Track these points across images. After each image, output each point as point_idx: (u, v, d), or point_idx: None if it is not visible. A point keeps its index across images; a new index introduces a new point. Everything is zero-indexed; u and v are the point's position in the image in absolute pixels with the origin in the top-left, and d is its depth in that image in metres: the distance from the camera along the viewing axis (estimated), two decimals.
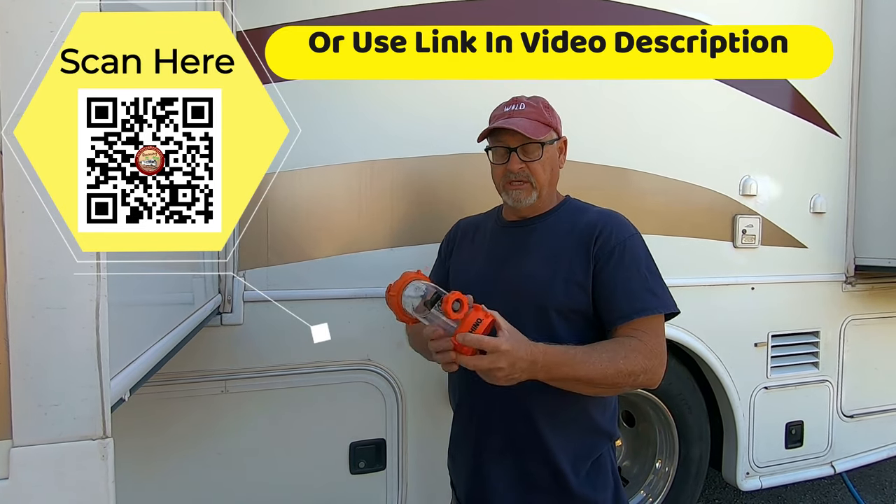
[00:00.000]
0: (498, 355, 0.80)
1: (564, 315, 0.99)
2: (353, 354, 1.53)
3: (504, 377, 0.82)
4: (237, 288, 1.43)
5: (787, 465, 2.06)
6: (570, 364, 0.87)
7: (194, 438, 1.40)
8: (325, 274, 1.51)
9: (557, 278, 0.99)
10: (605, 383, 0.89)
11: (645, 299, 0.96)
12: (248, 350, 1.44)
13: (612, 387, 0.91)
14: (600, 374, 0.88)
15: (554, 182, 1.09)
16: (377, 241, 1.56)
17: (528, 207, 1.06)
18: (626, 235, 1.00)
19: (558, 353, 0.87)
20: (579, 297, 0.98)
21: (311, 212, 1.50)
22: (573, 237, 1.02)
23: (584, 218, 1.05)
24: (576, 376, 0.88)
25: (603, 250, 0.98)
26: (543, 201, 1.07)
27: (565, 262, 1.00)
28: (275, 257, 1.47)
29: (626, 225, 1.03)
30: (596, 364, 0.88)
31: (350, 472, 1.53)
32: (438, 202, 1.60)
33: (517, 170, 1.03)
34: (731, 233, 1.93)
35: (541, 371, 0.85)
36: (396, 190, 1.56)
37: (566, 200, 1.12)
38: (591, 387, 0.91)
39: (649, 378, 0.93)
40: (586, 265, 0.99)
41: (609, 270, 0.97)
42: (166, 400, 1.37)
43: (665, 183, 1.84)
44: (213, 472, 1.41)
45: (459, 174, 1.61)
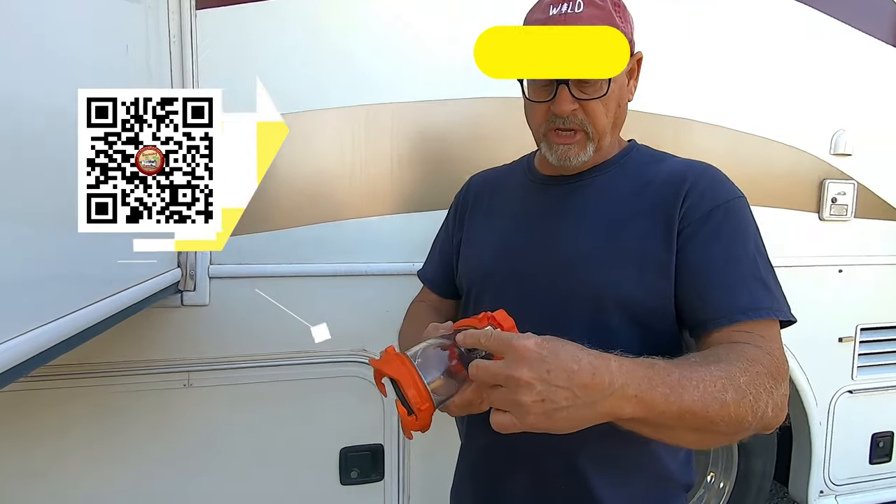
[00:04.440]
0: (512, 360, 0.48)
1: (632, 314, 0.67)
2: (344, 343, 1.26)
3: (536, 403, 0.47)
4: (201, 262, 1.16)
5: (870, 482, 1.71)
6: (668, 384, 0.51)
7: (152, 441, 1.17)
8: (311, 246, 1.23)
9: (625, 257, 0.67)
10: (723, 419, 0.53)
11: (755, 293, 0.63)
12: (216, 336, 1.19)
13: (732, 426, 0.54)
14: (717, 402, 0.52)
15: (619, 124, 0.75)
16: (375, 207, 1.26)
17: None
18: (727, 196, 0.67)
19: (642, 365, 0.52)
20: (658, 286, 0.66)
21: (292, 169, 1.21)
22: (648, 197, 0.70)
23: (664, 170, 0.72)
24: (679, 408, 0.51)
25: (693, 215, 0.66)
26: (603, 151, 0.75)
27: (636, 233, 0.68)
28: (248, 225, 1.20)
29: (726, 182, 0.69)
30: (708, 384, 0.52)
31: (340, 483, 1.29)
32: (450, 159, 1.29)
33: (568, 112, 0.68)
34: (816, 201, 1.55)
35: (616, 399, 0.49)
36: (397, 143, 1.26)
37: (632, 146, 0.79)
38: (697, 430, 0.54)
39: (777, 413, 0.56)
40: (668, 237, 0.66)
41: (700, 245, 0.64)
42: (117, 395, 1.13)
43: (735, 138, 1.47)
44: (174, 482, 1.18)
45: (478, 124, 1.30)
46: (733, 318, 0.61)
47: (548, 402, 0.47)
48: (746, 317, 0.61)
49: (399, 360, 0.54)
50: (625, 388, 0.49)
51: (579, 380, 0.48)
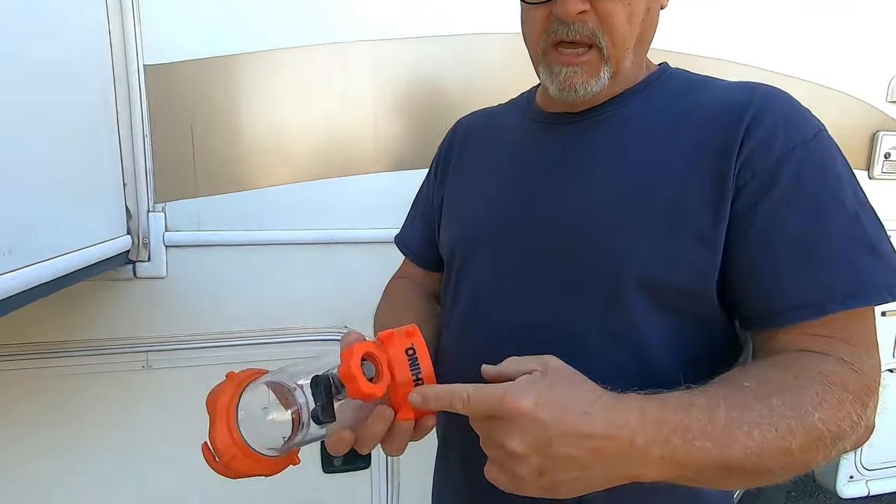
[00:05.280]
0: (504, 426, 0.38)
1: (658, 297, 0.50)
2: (321, 319, 1.12)
3: (532, 477, 0.37)
4: (154, 228, 1.01)
5: None
6: (710, 435, 0.38)
7: (110, 427, 1.05)
8: (281, 209, 1.07)
9: (650, 219, 0.49)
10: (784, 467, 0.40)
11: (859, 267, 0.45)
12: (176, 312, 1.05)
13: (796, 472, 0.41)
14: (778, 451, 0.39)
15: (647, 38, 0.56)
16: (354, 164, 1.10)
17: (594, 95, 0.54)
18: (809, 131, 0.48)
19: (675, 408, 0.39)
20: (696, 262, 0.48)
21: (258, 119, 1.04)
22: (686, 136, 0.51)
23: (710, 98, 0.52)
24: (725, 463, 0.38)
25: (760, 161, 0.47)
26: (623, 78, 0.56)
27: (668, 187, 0.50)
28: (207, 185, 1.04)
29: (803, 111, 0.51)
30: (767, 429, 0.39)
31: (323, 471, 1.17)
32: (443, 107, 1.10)
33: (575, 16, 0.49)
34: (867, 156, 1.36)
35: (637, 462, 0.38)
36: (380, 88, 1.08)
37: (664, 70, 0.60)
38: (748, 479, 0.42)
39: (861, 438, 0.44)
40: (717, 193, 0.47)
41: (772, 206, 0.46)
42: (68, 377, 1.01)
43: (774, 82, 1.26)
44: (137, 473, 1.07)
45: (477, 64, 1.11)
46: (824, 307, 0.44)
47: (548, 476, 0.37)
48: (841, 305, 0.44)
49: (229, 391, 0.45)
50: (649, 447, 0.37)
51: (591, 445, 0.36)
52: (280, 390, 0.44)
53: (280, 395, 0.44)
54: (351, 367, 0.41)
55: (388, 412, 0.44)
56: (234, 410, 0.44)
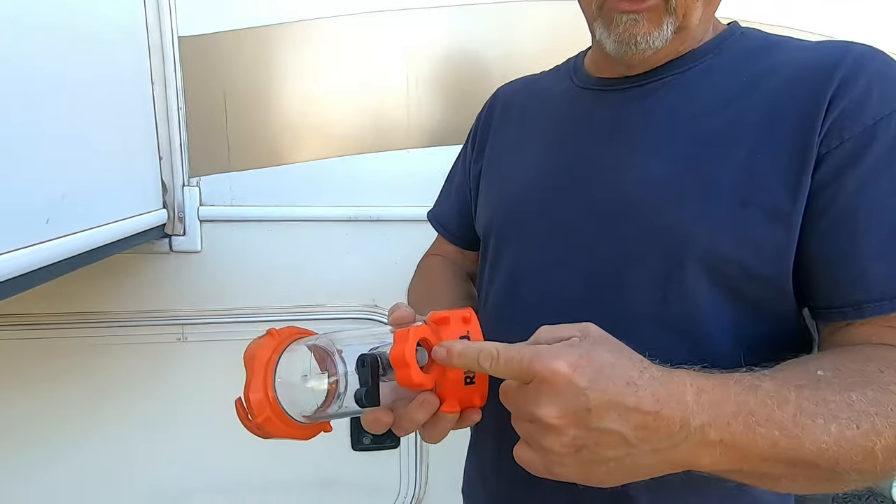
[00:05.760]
0: (535, 389, 0.33)
1: (724, 279, 0.44)
2: (353, 297, 1.11)
3: (568, 453, 0.33)
4: (189, 202, 1.02)
5: None
6: (778, 422, 0.33)
7: (144, 398, 1.07)
8: (313, 184, 1.06)
9: (717, 192, 0.44)
10: (863, 472, 0.35)
11: None
12: (211, 286, 1.06)
13: (877, 477, 0.36)
14: (858, 451, 0.34)
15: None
16: (388, 139, 1.07)
17: (655, 53, 0.49)
18: None
19: (736, 389, 0.34)
20: (770, 240, 0.43)
21: (288, 92, 1.02)
22: (760, 100, 0.45)
23: (789, 58, 0.46)
24: (793, 457, 0.34)
25: (850, 128, 0.41)
26: (689, 35, 0.50)
27: (742, 159, 0.44)
28: (240, 159, 1.03)
29: None
30: (846, 424, 0.34)
31: (352, 448, 1.17)
32: (481, 79, 1.06)
33: None
34: None
35: (691, 445, 0.33)
36: (414, 60, 1.04)
37: (734, 30, 0.53)
38: (817, 481, 0.36)
39: None
40: (797, 164, 0.42)
41: (859, 180, 0.41)
42: (105, 347, 1.03)
43: None
44: (165, 443, 1.09)
45: (514, 30, 1.05)
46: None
47: (585, 452, 0.32)
48: None
49: (270, 347, 0.42)
50: (705, 430, 0.32)
51: (637, 419, 0.32)
52: (321, 355, 0.42)
53: (320, 360, 0.42)
54: (405, 354, 0.37)
55: (433, 401, 0.41)
56: (273, 370, 0.41)
